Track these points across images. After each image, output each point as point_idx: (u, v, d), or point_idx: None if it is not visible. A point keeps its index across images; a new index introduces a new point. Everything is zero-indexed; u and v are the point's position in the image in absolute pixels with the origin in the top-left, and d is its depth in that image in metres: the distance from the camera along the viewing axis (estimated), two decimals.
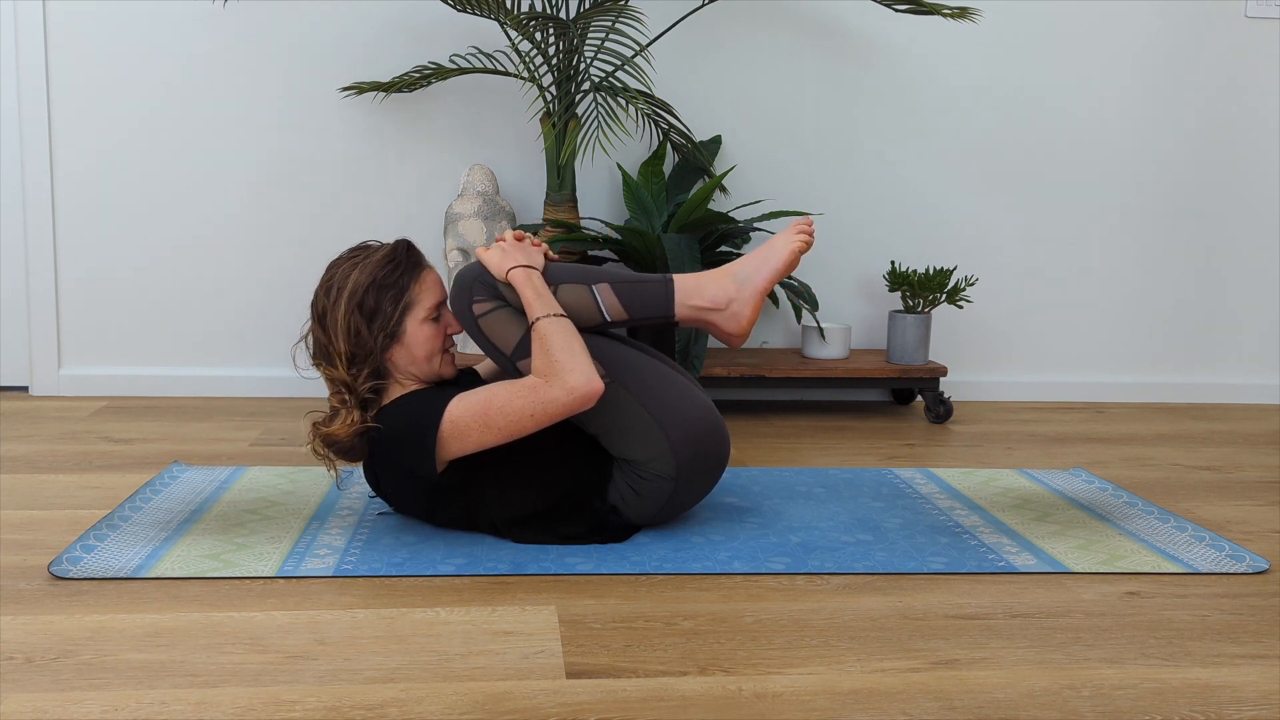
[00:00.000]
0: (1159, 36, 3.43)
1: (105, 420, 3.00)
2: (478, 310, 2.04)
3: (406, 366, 2.05)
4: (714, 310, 2.10)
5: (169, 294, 3.28)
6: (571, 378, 1.91)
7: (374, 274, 2.02)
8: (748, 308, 2.10)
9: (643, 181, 3.16)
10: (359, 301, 2.00)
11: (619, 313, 2.08)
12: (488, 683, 1.53)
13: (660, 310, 2.09)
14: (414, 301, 2.03)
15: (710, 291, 2.10)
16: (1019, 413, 3.38)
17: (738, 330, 2.12)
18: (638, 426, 2.02)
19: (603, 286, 2.07)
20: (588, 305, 2.07)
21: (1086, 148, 3.47)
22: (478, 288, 2.04)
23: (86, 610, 1.74)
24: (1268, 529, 2.29)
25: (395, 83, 3.10)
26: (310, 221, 3.29)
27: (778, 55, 3.34)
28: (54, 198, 3.21)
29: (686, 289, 2.10)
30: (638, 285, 2.09)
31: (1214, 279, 3.57)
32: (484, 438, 1.94)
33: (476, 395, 1.95)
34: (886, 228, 3.45)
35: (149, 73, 3.19)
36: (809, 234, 2.13)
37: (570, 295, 2.06)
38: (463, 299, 2.06)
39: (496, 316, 2.04)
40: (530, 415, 1.93)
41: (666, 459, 2.03)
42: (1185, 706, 1.51)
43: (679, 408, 2.05)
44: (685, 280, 2.10)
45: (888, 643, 1.69)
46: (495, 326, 2.04)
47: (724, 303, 2.10)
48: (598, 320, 2.08)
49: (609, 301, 2.07)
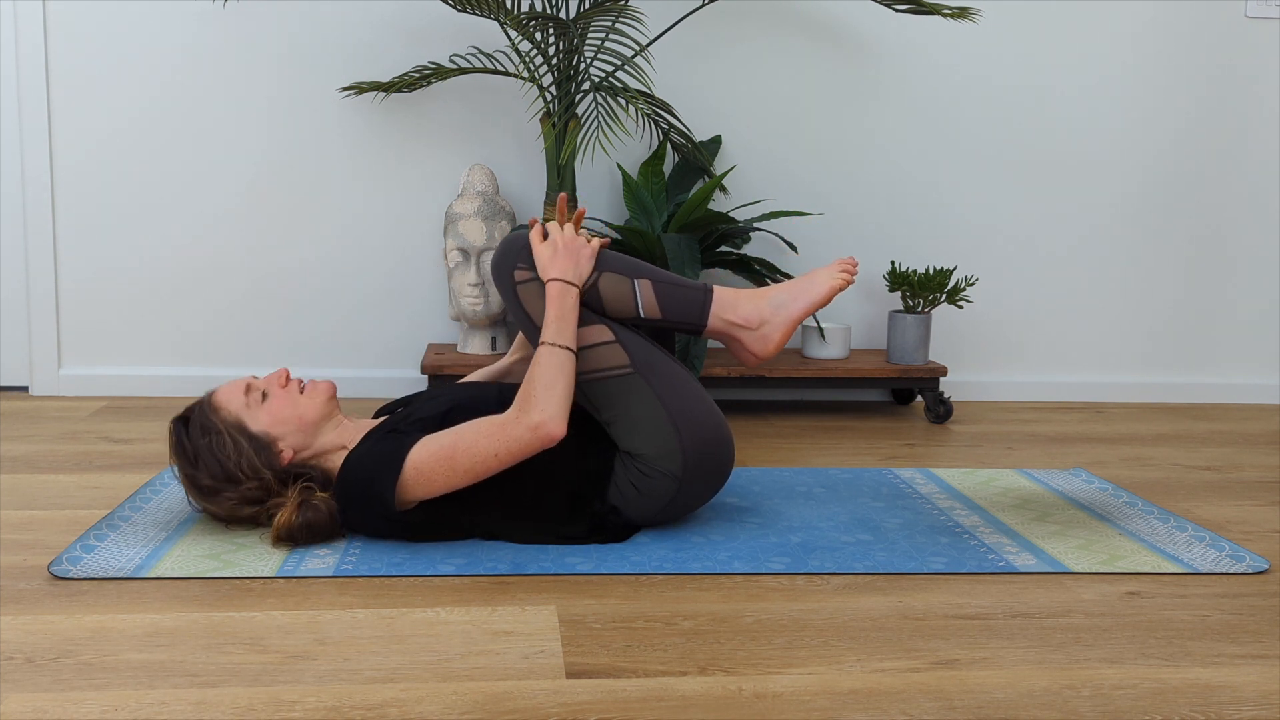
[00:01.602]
0: (1159, 37, 3.43)
1: (105, 420, 3.00)
2: (519, 277, 2.06)
3: (303, 438, 2.03)
4: (745, 328, 2.11)
5: (169, 294, 3.28)
6: (538, 414, 1.92)
7: (220, 452, 1.99)
8: (778, 333, 2.11)
9: (643, 181, 3.16)
10: (236, 443, 1.99)
11: (654, 311, 2.09)
12: (488, 683, 1.53)
13: (694, 318, 2.10)
14: (233, 423, 2.00)
15: (745, 310, 2.11)
16: (1019, 413, 3.38)
17: (763, 353, 2.13)
18: (652, 421, 2.02)
19: (644, 283, 2.08)
20: (626, 298, 2.08)
21: (1086, 148, 3.47)
22: (524, 255, 2.06)
23: (86, 610, 1.74)
24: (1268, 529, 2.29)
25: (395, 83, 3.10)
26: (310, 221, 3.29)
27: (778, 55, 3.34)
28: (54, 198, 3.21)
29: (723, 302, 2.11)
30: (677, 289, 2.10)
31: (1214, 279, 3.57)
32: (450, 481, 1.94)
33: (442, 439, 1.93)
34: (886, 227, 3.45)
35: (149, 73, 3.19)
36: (851, 273, 2.14)
37: (611, 284, 2.07)
38: (506, 262, 2.06)
39: (534, 288, 2.05)
40: (495, 455, 1.92)
41: (674, 458, 2.03)
42: (1185, 706, 1.51)
43: (694, 411, 2.05)
44: (724, 293, 2.11)
45: (888, 643, 1.69)
46: (531, 297, 2.05)
47: (756, 323, 2.11)
48: (631, 315, 2.09)
49: (647, 299, 2.08)
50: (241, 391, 2.03)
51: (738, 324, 2.11)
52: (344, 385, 3.33)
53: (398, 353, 3.36)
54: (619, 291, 2.08)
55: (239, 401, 2.02)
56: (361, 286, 3.32)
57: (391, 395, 3.35)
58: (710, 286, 2.12)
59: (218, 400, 2.03)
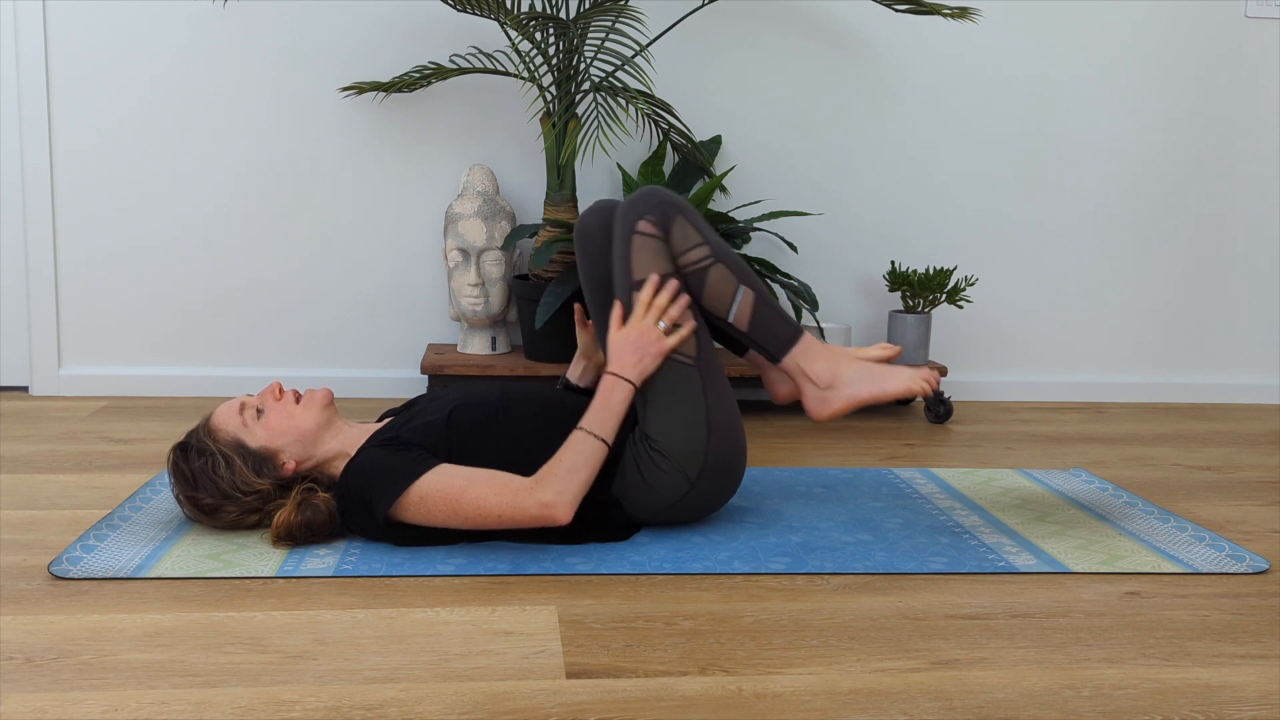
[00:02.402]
0: (1158, 36, 3.43)
1: (105, 420, 3.00)
2: (641, 228, 2.06)
3: (303, 449, 2.04)
4: (812, 383, 2.11)
5: (169, 294, 3.28)
6: (552, 494, 1.91)
7: (221, 475, 2.00)
8: (838, 403, 2.11)
9: (643, 181, 3.16)
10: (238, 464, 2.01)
11: (742, 323, 2.09)
12: (488, 683, 1.53)
13: (775, 348, 2.11)
14: (231, 443, 2.02)
15: (820, 367, 2.11)
16: (1019, 413, 3.38)
17: (816, 413, 2.13)
18: (690, 418, 2.04)
19: (748, 293, 2.08)
20: (725, 297, 2.08)
21: (1086, 148, 3.47)
22: (656, 210, 2.06)
23: (86, 610, 1.74)
24: (1268, 529, 2.29)
25: (395, 83, 3.10)
26: (310, 222, 3.29)
27: (778, 55, 3.34)
28: (53, 198, 3.21)
29: (806, 350, 2.11)
30: (774, 315, 2.10)
31: (1214, 279, 3.57)
32: (447, 521, 1.94)
33: (456, 478, 1.93)
34: (886, 227, 3.45)
35: (148, 74, 3.19)
36: (931, 387, 2.13)
37: (719, 279, 2.07)
38: (636, 209, 2.07)
39: (650, 244, 2.06)
40: (499, 516, 1.92)
41: (696, 460, 2.04)
42: (1185, 706, 1.51)
43: (730, 424, 2.08)
44: (810, 342, 2.11)
45: (888, 643, 1.69)
46: (642, 252, 2.06)
47: (826, 384, 2.11)
48: (720, 315, 2.09)
49: (743, 309, 2.09)
50: (236, 411, 2.04)
51: (808, 376, 2.11)
52: (344, 385, 3.33)
53: (398, 353, 3.36)
54: (723, 289, 2.08)
55: (235, 421, 2.03)
56: (361, 286, 3.32)
57: (391, 395, 3.35)
58: (802, 329, 2.12)
59: (214, 424, 2.04)
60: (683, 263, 2.08)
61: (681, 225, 2.07)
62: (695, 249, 2.08)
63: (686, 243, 2.08)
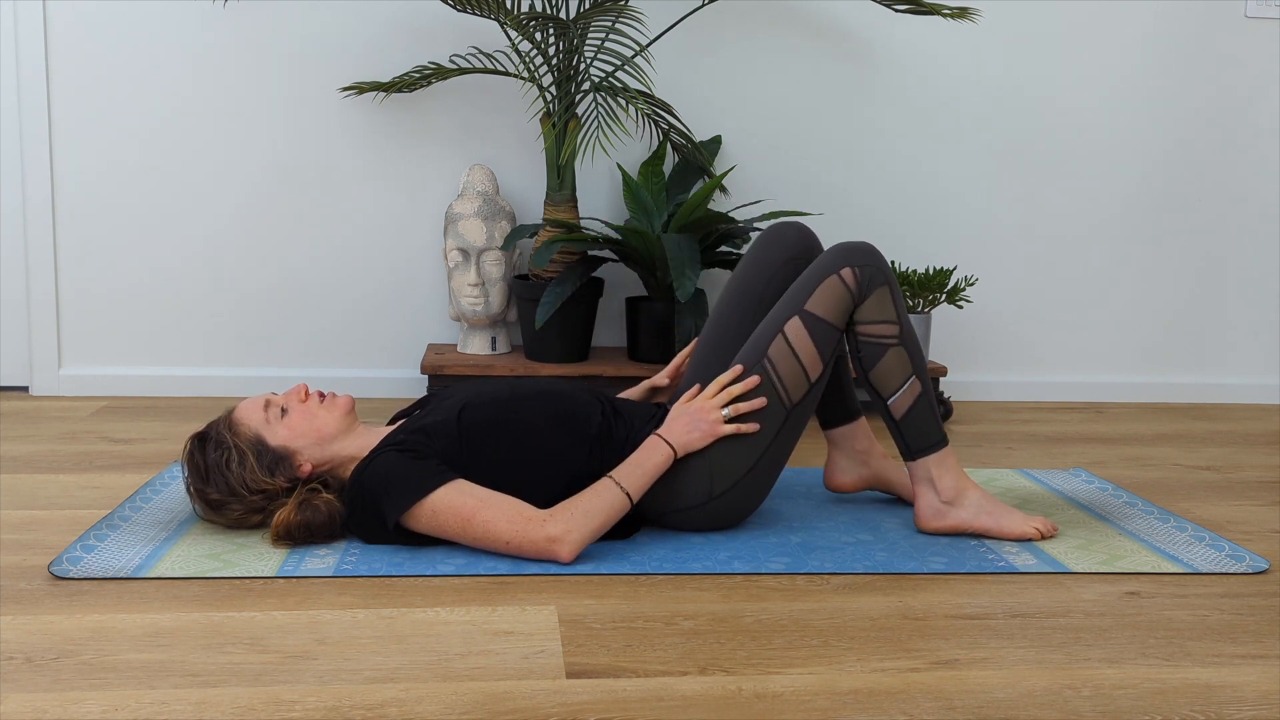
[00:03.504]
0: (1158, 36, 3.43)
1: (105, 420, 3.00)
2: (845, 274, 2.07)
3: (321, 451, 2.05)
4: (934, 492, 2.13)
5: (169, 294, 3.28)
6: (561, 530, 1.91)
7: (232, 468, 2.01)
8: (949, 521, 2.13)
9: (643, 181, 3.16)
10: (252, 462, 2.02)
11: (898, 411, 2.10)
12: (488, 683, 1.53)
13: (916, 445, 2.11)
14: (251, 439, 2.02)
15: (949, 482, 2.12)
16: (1019, 413, 3.38)
17: (924, 523, 2.15)
18: (750, 442, 2.06)
19: (916, 385, 2.09)
20: (893, 380, 2.08)
21: (1085, 147, 3.47)
22: (867, 271, 2.07)
23: (86, 610, 1.74)
24: (1268, 529, 2.29)
25: (395, 83, 3.10)
26: (310, 221, 3.29)
27: (778, 55, 3.34)
28: (54, 197, 3.21)
29: (942, 461, 2.12)
30: (930, 416, 2.10)
31: (1214, 279, 3.57)
32: (456, 537, 1.95)
33: (470, 497, 1.94)
34: (886, 227, 3.45)
35: (147, 72, 3.19)
36: (1045, 534, 2.13)
37: (895, 360, 2.07)
38: (849, 256, 2.08)
39: (841, 293, 2.07)
40: (506, 543, 1.93)
41: (728, 478, 2.07)
42: (1185, 706, 1.51)
43: (770, 473, 2.10)
44: (950, 455, 2.12)
45: (888, 643, 1.69)
46: (829, 293, 2.07)
47: (947, 499, 2.13)
48: (882, 395, 2.09)
49: (904, 398, 2.09)
50: (261, 407, 2.05)
51: (935, 485, 2.13)
52: (344, 385, 3.33)
53: (398, 353, 3.36)
54: (894, 372, 2.08)
55: (258, 417, 2.04)
56: (362, 286, 3.32)
57: (392, 395, 3.35)
58: (947, 440, 2.13)
59: (236, 417, 2.05)
60: (863, 330, 2.08)
61: (881, 296, 2.08)
62: (885, 324, 2.08)
63: (879, 314, 2.08)
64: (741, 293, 2.25)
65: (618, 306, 3.40)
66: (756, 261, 2.26)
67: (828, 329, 2.06)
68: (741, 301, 2.25)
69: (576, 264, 3.05)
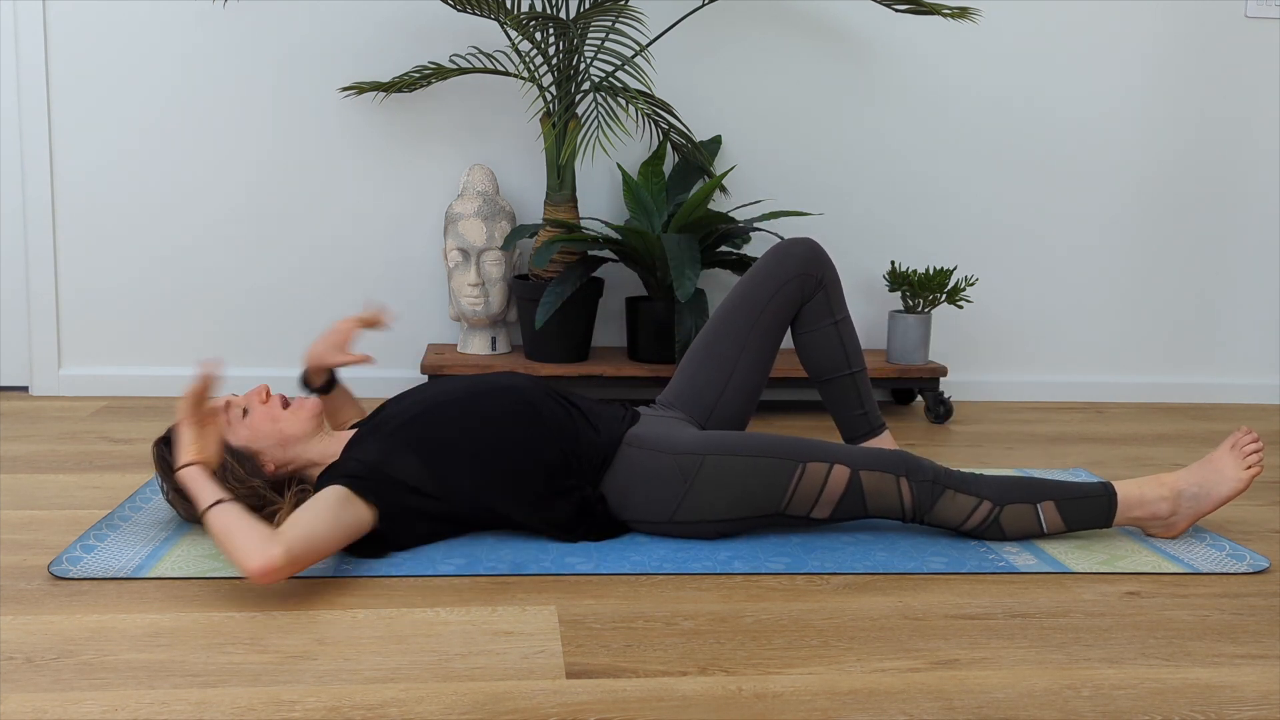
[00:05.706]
0: (1159, 36, 3.43)
1: (105, 420, 3.00)
2: (904, 486, 2.07)
3: (283, 453, 2.04)
4: (1152, 520, 2.13)
5: (169, 294, 3.28)
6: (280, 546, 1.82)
7: None
8: (1185, 522, 2.14)
9: (643, 181, 3.16)
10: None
11: (1058, 526, 2.10)
12: (488, 683, 1.53)
13: (1099, 523, 2.11)
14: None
15: (1154, 506, 2.12)
16: (1019, 413, 3.38)
17: (1166, 535, 2.15)
18: (728, 488, 2.04)
19: (1047, 505, 2.08)
20: (1029, 525, 2.08)
21: (1085, 147, 3.47)
22: (926, 480, 2.06)
23: (86, 610, 1.74)
24: (1268, 529, 2.29)
25: (395, 83, 3.10)
26: (310, 221, 3.29)
27: (778, 55, 3.34)
28: (54, 197, 3.21)
29: (1129, 501, 2.11)
30: (1081, 502, 2.09)
31: (1214, 279, 3.57)
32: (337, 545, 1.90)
33: (317, 505, 1.88)
34: (886, 227, 3.45)
35: (147, 72, 3.19)
36: (1258, 460, 2.11)
37: (1015, 516, 2.07)
38: (902, 464, 2.07)
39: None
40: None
41: (677, 529, 2.08)
42: (1185, 706, 1.51)
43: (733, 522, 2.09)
44: (1129, 492, 2.11)
45: (888, 643, 1.69)
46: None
47: (1166, 514, 2.12)
48: (1036, 533, 2.09)
49: (1051, 518, 2.09)
50: (221, 409, 2.05)
51: (1144, 518, 2.13)
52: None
53: (398, 353, 3.36)
54: (1023, 518, 2.08)
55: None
56: (361, 286, 3.32)
57: (391, 395, 3.35)
58: (1110, 487, 2.11)
59: None
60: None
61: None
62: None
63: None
64: (745, 301, 2.29)
65: (618, 306, 3.40)
66: (765, 273, 2.31)
67: (858, 502, 2.06)
68: (743, 308, 2.29)
69: (576, 264, 3.05)
